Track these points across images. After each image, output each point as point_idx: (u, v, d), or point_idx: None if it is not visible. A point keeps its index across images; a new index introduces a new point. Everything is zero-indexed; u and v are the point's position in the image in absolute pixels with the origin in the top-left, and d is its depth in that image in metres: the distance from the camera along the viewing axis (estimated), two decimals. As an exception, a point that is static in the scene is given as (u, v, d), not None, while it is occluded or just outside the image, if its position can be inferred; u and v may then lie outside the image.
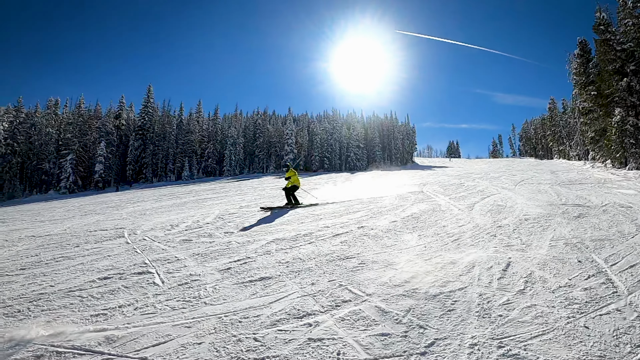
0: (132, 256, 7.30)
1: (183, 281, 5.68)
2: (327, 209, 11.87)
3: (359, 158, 70.58)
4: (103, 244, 8.60)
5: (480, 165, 50.59)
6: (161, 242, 8.38)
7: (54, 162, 56.81)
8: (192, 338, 3.90)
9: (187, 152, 65.05)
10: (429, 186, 18.06)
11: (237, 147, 66.04)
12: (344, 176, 40.02)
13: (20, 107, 58.06)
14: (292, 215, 11.06)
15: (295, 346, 3.62)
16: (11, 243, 9.79)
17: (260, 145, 69.27)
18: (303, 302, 4.60)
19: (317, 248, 7.14)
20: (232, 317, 4.32)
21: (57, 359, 3.67)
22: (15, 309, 4.99)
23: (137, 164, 62.41)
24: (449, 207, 11.24)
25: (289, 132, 67.43)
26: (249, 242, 7.89)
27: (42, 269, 6.90)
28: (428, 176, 27.53)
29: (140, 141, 63.04)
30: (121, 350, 3.75)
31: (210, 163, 65.83)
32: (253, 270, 6.01)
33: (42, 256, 7.90)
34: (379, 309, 4.34)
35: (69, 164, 54.55)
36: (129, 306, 4.82)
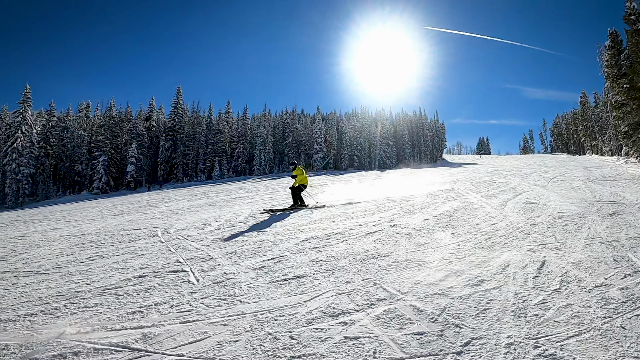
0: (166, 255, 7.40)
1: (218, 279, 5.72)
2: (358, 207, 11.82)
3: (389, 156, 70.27)
4: (137, 243, 8.76)
5: (511, 161, 49.96)
6: (194, 241, 8.47)
7: (86, 164, 58.48)
8: (228, 336, 3.91)
9: (217, 152, 65.89)
10: (460, 184, 17.95)
11: (267, 147, 66.54)
12: (374, 174, 40.03)
13: (53, 111, 60.56)
14: (324, 213, 11.04)
15: (332, 344, 3.61)
16: (47, 242, 10.06)
17: (289, 144, 69.65)
18: (338, 301, 4.58)
19: (350, 246, 7.11)
20: (268, 315, 4.32)
21: (94, 356, 3.72)
22: (52, 306, 5.10)
23: (168, 164, 63.61)
24: (481, 204, 11.10)
25: (318, 130, 67.71)
26: (281, 241, 7.91)
27: (78, 267, 7.07)
28: (458, 173, 27.40)
29: (170, 142, 64.19)
30: (158, 348, 3.78)
31: (240, 162, 66.50)
32: (287, 268, 6.02)
33: (78, 255, 8.09)
34: (414, 307, 4.30)
35: (101, 165, 55.97)
36: (164, 304, 4.86)
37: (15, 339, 4.23)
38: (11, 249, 9.77)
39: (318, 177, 41.97)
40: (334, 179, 34.06)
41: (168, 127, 65.20)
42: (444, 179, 22.52)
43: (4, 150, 52.47)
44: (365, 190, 18.21)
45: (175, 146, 64.76)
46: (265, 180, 46.07)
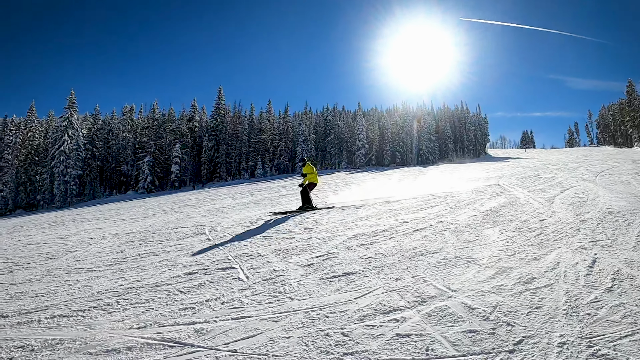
0: (215, 252, 7.49)
1: (267, 276, 5.74)
2: (403, 204, 11.69)
3: (431, 151, 69.41)
4: (185, 241, 8.93)
5: (556, 155, 48.70)
6: (242, 239, 8.54)
7: (131, 164, 60.52)
8: (280, 332, 3.92)
9: (260, 150, 66.67)
10: (506, 179, 17.68)
11: (309, 144, 66.85)
12: (416, 170, 39.87)
13: (98, 114, 63.33)
14: (370, 210, 10.96)
15: (384, 341, 3.56)
16: (96, 240, 10.38)
17: (331, 142, 69.76)
18: (389, 298, 4.53)
19: (398, 243, 7.04)
20: (319, 312, 4.31)
21: (147, 351, 3.77)
22: (104, 302, 5.24)
23: (212, 163, 64.87)
24: (528, 200, 10.81)
25: (360, 127, 67.60)
26: (329, 238, 7.89)
27: (128, 264, 7.26)
28: (503, 168, 27.05)
29: (213, 141, 65.39)
30: (211, 343, 3.81)
31: (282, 160, 67.04)
32: (336, 265, 5.99)
33: (127, 253, 8.32)
34: (465, 305, 4.22)
35: (146, 166, 57.69)
36: (215, 300, 4.90)
37: (69, 334, 4.34)
38: (62, 247, 10.12)
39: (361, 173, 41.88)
40: (375, 175, 33.97)
41: (210, 127, 66.45)
42: (489, 174, 22.36)
43: (51, 153, 55.03)
44: (408, 187, 18.17)
45: (218, 145, 65.91)
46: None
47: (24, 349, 4.11)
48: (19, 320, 4.99)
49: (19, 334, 4.56)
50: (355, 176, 36.65)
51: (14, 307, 5.55)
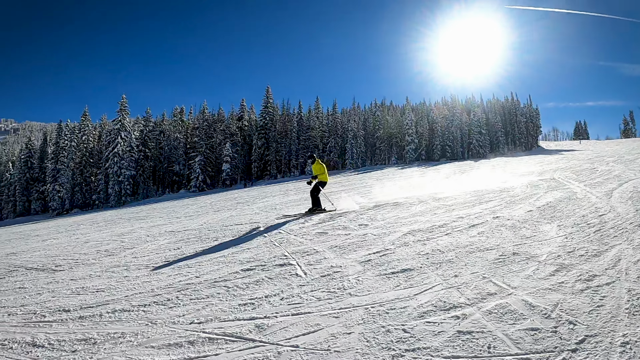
0: (271, 249, 7.54)
1: (325, 273, 5.73)
2: (457, 199, 11.48)
3: (482, 144, 68.11)
4: (241, 238, 9.05)
5: (612, 146, 46.94)
6: (297, 235, 8.56)
7: (183, 164, 62.42)
8: (341, 328, 3.90)
9: (309, 147, 67.28)
10: (560, 172, 17.19)
11: (358, 140, 66.84)
12: (468, 164, 39.64)
13: (149, 117, 65.96)
14: (423, 206, 10.79)
15: (445, 338, 3.50)
16: (153, 238, 10.67)
17: (380, 137, 69.51)
18: (448, 294, 4.46)
19: (455, 239, 6.92)
20: (379, 308, 4.28)
21: (209, 345, 3.81)
22: (164, 298, 5.35)
23: (262, 161, 66.01)
24: (585, 194, 10.39)
25: (409, 122, 67.18)
26: (384, 234, 7.82)
27: (185, 261, 7.41)
28: (557, 161, 26.36)
29: (263, 140, 66.51)
30: (272, 338, 3.82)
31: (332, 157, 67.31)
32: (393, 262, 5.93)
33: (184, 249, 8.51)
34: (525, 302, 4.10)
35: (198, 165, 59.30)
36: (275, 296, 4.92)
37: (131, 328, 4.45)
38: (119, 244, 10.45)
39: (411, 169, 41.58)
40: (425, 170, 33.70)
41: (260, 125, 67.77)
42: (542, 167, 21.93)
43: (105, 155, 57.89)
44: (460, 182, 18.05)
45: (267, 144, 67.00)
46: (358, 173, 46.26)
47: (86, 342, 4.24)
48: (80, 315, 5.16)
49: (81, 328, 4.71)
50: (405, 171, 36.47)
51: (76, 302, 5.74)
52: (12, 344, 4.46)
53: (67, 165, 58.94)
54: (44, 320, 5.20)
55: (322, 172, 11.90)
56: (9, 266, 9.58)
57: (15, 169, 67.21)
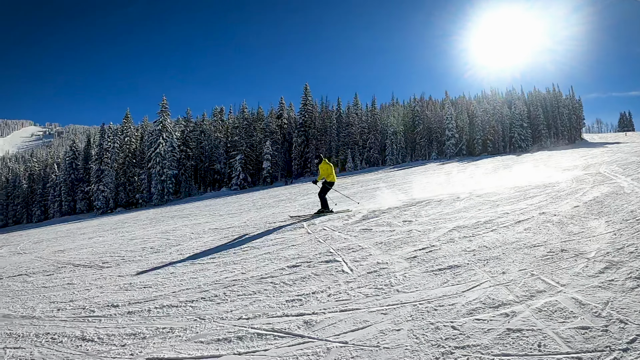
0: (316, 245, 7.56)
1: (371, 269, 5.70)
2: (501, 194, 11.28)
3: (523, 138, 67.00)
4: (284, 235, 9.09)
5: None
6: (341, 232, 8.56)
7: (224, 163, 63.71)
8: (389, 324, 3.87)
9: (349, 144, 67.41)
10: (606, 166, 16.74)
11: (398, 136, 66.76)
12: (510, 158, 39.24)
13: (189, 117, 68.37)
14: (467, 202, 10.63)
15: (495, 336, 3.44)
16: (197, 235, 10.86)
17: (420, 133, 69.16)
18: (496, 292, 4.38)
19: (501, 236, 6.78)
20: (427, 305, 4.23)
21: (258, 341, 3.83)
22: (212, 294, 5.41)
23: (302, 158, 66.65)
24: (633, 189, 10.01)
25: (448, 116, 66.84)
26: (429, 230, 7.75)
27: (231, 257, 7.49)
28: (602, 154, 25.76)
29: (302, 137, 67.10)
30: (321, 335, 3.82)
31: (372, 153, 67.40)
32: (440, 258, 5.86)
33: (229, 246, 8.61)
34: (575, 300, 3.98)
35: (238, 163, 60.39)
36: (322, 292, 4.93)
37: (179, 323, 4.51)
38: (164, 241, 10.67)
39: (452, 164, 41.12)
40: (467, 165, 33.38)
41: (299, 123, 68.49)
42: (587, 161, 21.46)
43: (148, 155, 59.81)
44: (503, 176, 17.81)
45: (307, 141, 67.53)
46: (399, 169, 46.04)
47: (135, 337, 4.32)
48: (129, 310, 5.28)
49: (130, 322, 4.81)
50: (446, 167, 36.20)
51: (124, 297, 5.88)
52: (62, 338, 4.59)
53: (110, 166, 61.10)
54: (93, 315, 5.34)
55: (330, 173, 11.88)
56: (57, 263, 9.89)
57: (60, 170, 70.38)
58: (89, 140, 73.49)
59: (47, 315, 5.62)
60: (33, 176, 76.34)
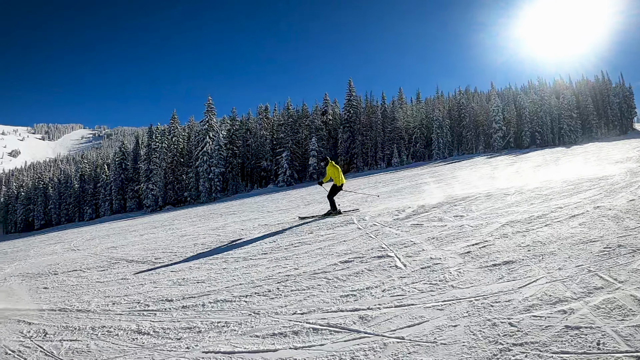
0: (367, 241, 7.52)
1: (425, 265, 5.63)
2: (553, 188, 10.96)
3: (572, 129, 65.17)
4: (335, 230, 9.09)
5: None
6: (392, 227, 8.50)
7: (270, 160, 64.68)
8: (446, 320, 3.82)
9: (395, 139, 67.29)
10: None
11: (444, 130, 66.06)
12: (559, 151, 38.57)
13: (235, 116, 70.17)
14: (519, 196, 10.38)
15: (553, 333, 3.33)
16: (247, 231, 11.09)
17: (466, 126, 68.27)
18: (553, 288, 4.24)
19: (556, 231, 6.56)
20: (483, 301, 4.15)
21: (314, 336, 3.85)
22: (265, 289, 5.48)
23: (348, 154, 66.96)
24: None
25: (495, 108, 65.69)
26: (481, 225, 7.59)
27: (282, 253, 7.55)
28: None
29: (348, 133, 67.32)
30: (376, 330, 3.80)
31: (418, 148, 67.00)
32: (493, 253, 5.74)
33: (280, 242, 8.68)
34: (634, 297, 3.81)
35: (285, 160, 61.21)
36: (376, 288, 4.90)
37: (234, 318, 4.59)
38: (215, 238, 10.88)
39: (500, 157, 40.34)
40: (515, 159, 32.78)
41: (344, 119, 68.84)
42: None
43: (195, 154, 61.55)
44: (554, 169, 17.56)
45: (353, 137, 67.67)
46: (446, 164, 45.48)
47: (191, 331, 4.43)
48: (183, 304, 5.41)
49: (185, 316, 4.93)
50: (494, 160, 35.63)
51: (177, 292, 6.03)
52: (118, 331, 4.75)
53: (159, 165, 63.03)
54: (148, 309, 5.50)
55: (337, 176, 11.66)
56: (111, 259, 10.23)
57: (110, 170, 73.51)
58: (138, 141, 76.27)
59: (103, 309, 5.84)
60: (84, 177, 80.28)
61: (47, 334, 5.08)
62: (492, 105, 65.92)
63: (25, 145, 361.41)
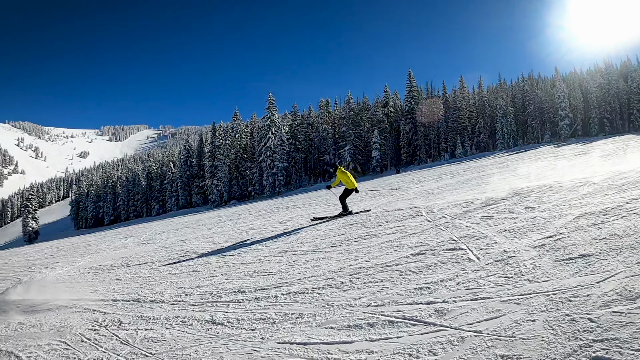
0: (438, 233, 7.40)
1: (498, 257, 5.49)
2: (627, 178, 10.35)
3: None
4: (404, 223, 8.98)
5: None
6: (462, 220, 8.33)
7: (333, 153, 65.33)
8: (523, 315, 3.70)
9: (457, 129, 66.30)
10: None
11: (508, 119, 63.99)
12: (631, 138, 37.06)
13: (296, 111, 71.37)
14: (591, 187, 9.89)
15: (634, 330, 3.15)
16: (315, 224, 11.09)
17: (531, 114, 65.82)
18: (633, 283, 4.00)
19: (633, 223, 6.14)
20: (561, 295, 3.99)
21: (390, 328, 3.83)
22: (337, 281, 5.50)
23: (410, 146, 66.69)
24: None
25: (560, 94, 62.51)
26: (554, 218, 7.26)
27: (352, 246, 7.55)
28: None
29: (410, 125, 66.90)
30: (453, 323, 3.74)
31: (482, 138, 65.57)
32: (569, 247, 5.48)
33: (349, 235, 8.68)
34: None
35: (347, 154, 61.71)
36: (450, 281, 4.82)
37: (308, 309, 4.65)
38: (283, 231, 11.06)
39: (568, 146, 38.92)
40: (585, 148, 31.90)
41: (405, 110, 68.42)
42: None
43: (258, 150, 63.20)
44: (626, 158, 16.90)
45: (415, 128, 66.92)
46: (511, 154, 44.26)
47: (265, 321, 4.52)
48: (256, 296, 5.52)
49: (258, 308, 5.04)
50: (562, 150, 34.35)
51: (249, 284, 6.17)
52: (192, 321, 4.91)
53: (223, 162, 65.05)
54: (221, 300, 5.66)
55: (348, 180, 11.88)
56: (181, 252, 10.58)
57: (176, 167, 76.63)
58: (202, 138, 79.00)
59: (176, 300, 6.05)
60: (151, 174, 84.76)
61: (122, 323, 5.33)
62: (557, 92, 62.91)
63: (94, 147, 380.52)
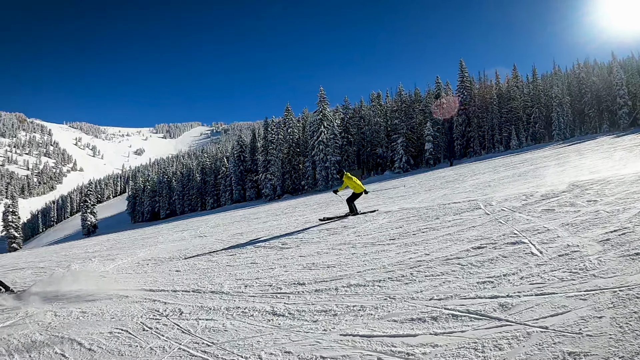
0: (498, 227, 7.29)
1: (562, 252, 5.34)
2: None
3: None
4: (462, 216, 8.90)
5: None
6: (522, 213, 8.16)
7: (385, 146, 65.43)
8: (589, 311, 3.60)
9: (512, 120, 64.84)
10: None
11: (564, 108, 61.64)
12: None
13: (347, 105, 72.45)
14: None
15: None
16: (372, 217, 11.13)
17: (588, 102, 63.05)
18: None
19: None
20: (628, 292, 3.83)
21: (453, 322, 3.81)
22: (398, 274, 5.48)
23: (464, 138, 65.98)
24: None
25: (618, 81, 59.67)
26: (618, 211, 6.97)
27: (411, 239, 7.52)
28: None
29: (463, 116, 66.03)
30: (518, 318, 3.68)
31: (537, 128, 63.82)
32: (635, 241, 5.22)
33: (406, 228, 8.65)
34: None
35: (400, 146, 61.57)
36: (513, 275, 4.74)
37: (369, 302, 4.65)
38: (339, 223, 11.08)
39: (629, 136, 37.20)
40: None
41: (458, 101, 66.59)
42: None
43: (310, 144, 63.99)
44: None
45: (469, 120, 65.97)
46: (568, 145, 42.81)
47: (327, 313, 4.55)
48: (316, 288, 5.57)
49: (319, 300, 5.09)
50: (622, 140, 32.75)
51: (309, 276, 6.23)
52: (253, 312, 4.99)
53: (276, 156, 66.20)
54: (281, 292, 5.74)
55: (355, 185, 12.52)
56: (238, 245, 10.75)
57: (229, 162, 78.68)
58: (254, 134, 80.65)
59: (236, 291, 6.16)
60: (205, 170, 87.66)
61: (183, 313, 5.47)
62: (615, 78, 60.17)
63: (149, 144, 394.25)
